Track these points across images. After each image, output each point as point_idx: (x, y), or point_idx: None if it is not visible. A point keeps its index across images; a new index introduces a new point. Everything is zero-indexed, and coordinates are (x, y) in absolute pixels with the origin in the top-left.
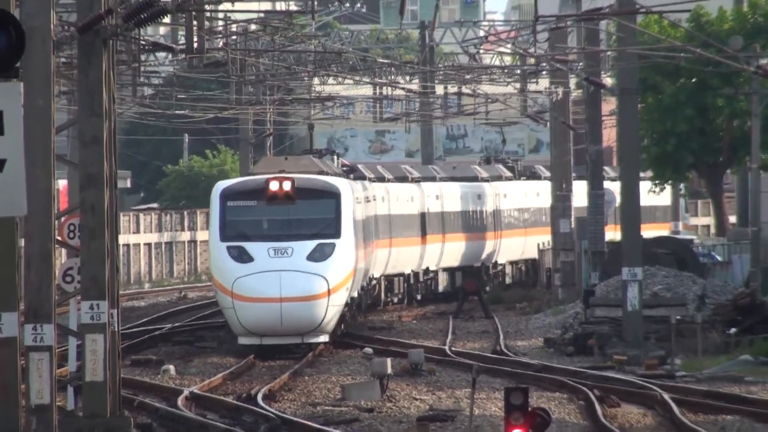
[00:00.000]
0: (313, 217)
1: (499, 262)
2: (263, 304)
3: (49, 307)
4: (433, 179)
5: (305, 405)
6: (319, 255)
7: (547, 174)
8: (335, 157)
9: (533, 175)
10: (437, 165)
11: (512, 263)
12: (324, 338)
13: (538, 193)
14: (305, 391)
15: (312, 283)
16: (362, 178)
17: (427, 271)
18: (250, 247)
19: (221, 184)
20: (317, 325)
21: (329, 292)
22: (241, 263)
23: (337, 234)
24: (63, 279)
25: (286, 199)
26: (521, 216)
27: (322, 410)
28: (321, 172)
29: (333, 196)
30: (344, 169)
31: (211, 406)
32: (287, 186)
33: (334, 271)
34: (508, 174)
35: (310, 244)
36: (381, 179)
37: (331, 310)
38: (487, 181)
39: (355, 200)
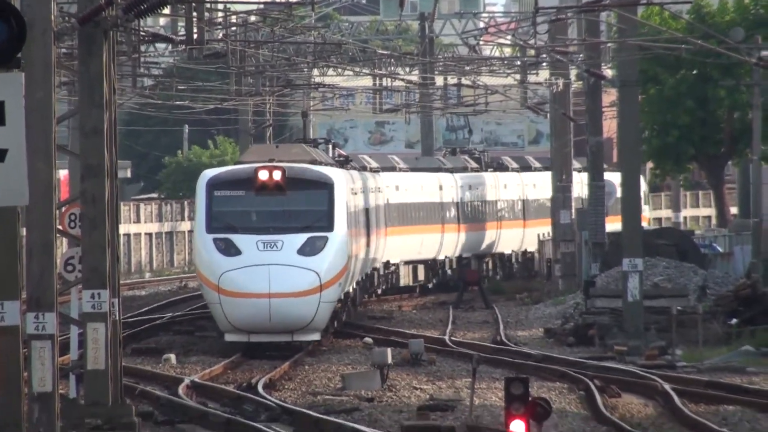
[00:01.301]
0: (304, 209)
1: (464, 255)
2: (251, 300)
3: (50, 296)
4: (393, 169)
5: (305, 394)
6: (310, 249)
7: (515, 165)
8: (330, 146)
9: (500, 167)
10: (397, 156)
11: (478, 257)
12: (315, 336)
13: (505, 185)
14: (305, 380)
15: (302, 278)
16: (364, 168)
17: (387, 264)
18: (238, 239)
19: (208, 173)
20: (308, 322)
21: (321, 288)
22: (228, 256)
23: (329, 227)
24: (64, 268)
25: (276, 190)
26: (488, 209)
27: (323, 399)
28: (313, 162)
29: (326, 186)
30: (339, 159)
31: (212, 394)
32: (277, 175)
33: (326, 266)
34: (474, 165)
35: (301, 238)
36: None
37: (322, 307)
38: (450, 172)
39: (351, 191)
